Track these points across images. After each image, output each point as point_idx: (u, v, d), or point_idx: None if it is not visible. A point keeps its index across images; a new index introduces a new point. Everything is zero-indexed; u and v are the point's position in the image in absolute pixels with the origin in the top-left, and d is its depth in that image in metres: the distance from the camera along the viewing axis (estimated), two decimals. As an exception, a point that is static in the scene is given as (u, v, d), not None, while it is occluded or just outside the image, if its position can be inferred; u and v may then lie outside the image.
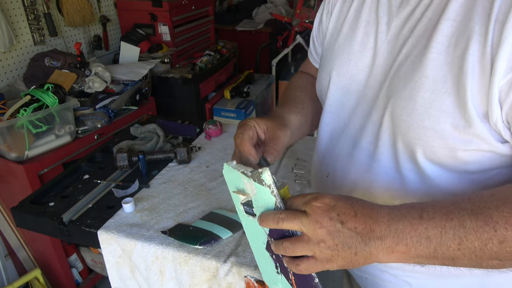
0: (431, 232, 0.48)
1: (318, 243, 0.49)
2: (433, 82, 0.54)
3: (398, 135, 0.60)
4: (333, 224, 0.48)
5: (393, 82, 0.60)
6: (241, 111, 2.61)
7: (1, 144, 1.47)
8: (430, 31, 0.55)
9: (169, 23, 2.38)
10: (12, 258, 1.86)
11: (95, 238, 1.01)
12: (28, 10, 1.91)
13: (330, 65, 0.73)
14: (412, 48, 0.58)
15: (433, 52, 0.54)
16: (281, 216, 0.51)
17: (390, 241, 0.48)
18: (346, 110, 0.71)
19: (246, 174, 0.54)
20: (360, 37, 0.67)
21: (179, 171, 1.27)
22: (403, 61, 0.59)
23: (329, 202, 0.49)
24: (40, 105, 1.53)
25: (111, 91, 1.98)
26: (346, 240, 0.48)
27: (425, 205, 0.50)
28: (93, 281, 1.96)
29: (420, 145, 0.57)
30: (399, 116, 0.58)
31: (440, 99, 0.53)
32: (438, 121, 0.54)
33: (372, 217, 0.49)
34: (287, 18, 3.10)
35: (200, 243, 0.93)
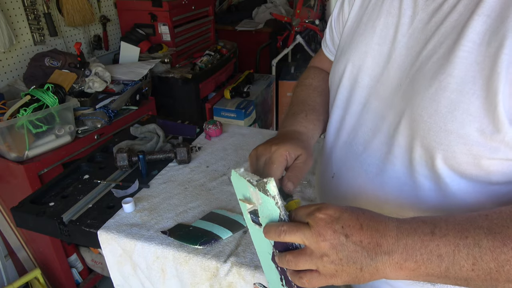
0: (443, 250, 0.44)
1: (321, 257, 0.46)
2: (461, 82, 0.49)
3: (417, 138, 0.55)
4: (337, 237, 0.45)
5: (415, 81, 0.56)
6: (241, 111, 2.61)
7: (1, 144, 1.47)
8: (461, 28, 0.51)
9: (169, 23, 2.38)
10: (12, 258, 1.86)
11: (95, 238, 1.01)
12: (28, 10, 1.91)
13: (346, 57, 0.69)
14: (438, 45, 0.54)
15: (462, 50, 0.50)
16: (283, 229, 0.49)
17: (399, 257, 0.45)
18: (355, 106, 0.67)
19: (252, 183, 0.52)
20: (380, 28, 0.63)
21: (179, 171, 1.27)
22: (428, 59, 0.54)
23: (333, 214, 0.47)
24: (40, 105, 1.53)
25: (111, 91, 1.98)
26: (351, 254, 0.45)
27: (438, 220, 0.47)
28: (93, 281, 1.96)
29: (441, 150, 0.53)
30: (419, 117, 0.54)
31: (467, 101, 0.49)
32: (463, 125, 0.50)
33: (379, 231, 0.46)
34: (287, 18, 3.10)
35: (200, 243, 0.93)
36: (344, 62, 0.69)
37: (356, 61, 0.66)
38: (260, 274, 0.87)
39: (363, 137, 0.66)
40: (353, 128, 0.68)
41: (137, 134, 1.49)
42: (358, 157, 0.67)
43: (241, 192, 0.57)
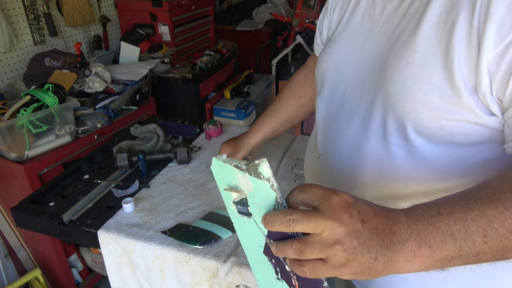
0: (454, 228, 0.44)
1: (333, 244, 0.42)
2: (423, 57, 0.57)
3: (389, 110, 0.62)
4: (353, 223, 0.42)
5: (386, 61, 0.63)
6: (241, 111, 2.61)
7: (1, 144, 1.47)
8: (421, 11, 0.59)
9: (169, 23, 2.38)
10: (12, 258, 1.86)
11: (95, 238, 1.01)
12: (28, 10, 1.91)
13: (329, 51, 0.77)
14: (404, 28, 0.61)
15: (423, 30, 0.58)
16: (292, 218, 0.43)
17: (412, 244, 0.43)
18: (338, 93, 0.74)
19: (240, 167, 0.47)
20: (358, 23, 0.72)
21: (179, 171, 1.27)
22: (396, 41, 0.62)
23: (348, 198, 0.44)
24: (40, 105, 1.53)
25: (111, 91, 1.98)
26: (366, 242, 0.42)
27: (439, 201, 0.47)
28: (93, 281, 1.96)
29: (410, 118, 0.59)
30: (390, 91, 0.61)
31: (429, 73, 0.56)
32: (427, 94, 0.57)
33: (390, 218, 0.44)
34: (287, 18, 3.10)
35: (200, 243, 0.93)
36: (327, 55, 0.78)
37: (339, 54, 0.75)
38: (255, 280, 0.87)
39: (345, 117, 0.72)
40: (335, 111, 0.75)
41: (137, 134, 1.49)
42: (340, 136, 0.73)
43: (224, 182, 0.52)
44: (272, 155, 1.35)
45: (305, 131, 3.20)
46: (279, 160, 1.34)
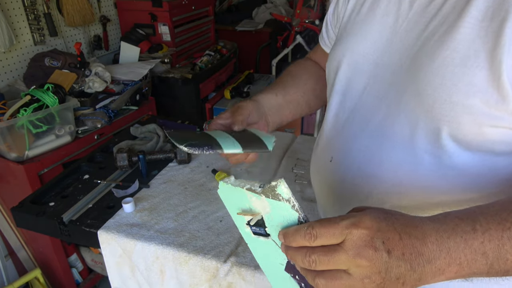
0: (487, 247, 0.42)
1: (362, 280, 0.41)
2: (464, 56, 0.52)
3: (421, 113, 0.56)
4: (379, 256, 0.41)
5: (417, 59, 0.58)
6: (241, 111, 2.60)
7: (1, 144, 1.47)
8: (461, 7, 0.54)
9: (169, 23, 2.38)
10: (12, 258, 1.86)
11: (95, 238, 1.01)
12: (28, 10, 1.91)
13: (344, 44, 0.71)
14: (439, 25, 0.56)
15: (464, 27, 0.52)
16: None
17: (442, 262, 0.42)
18: (355, 91, 0.68)
19: (255, 190, 0.45)
20: (380, 15, 0.65)
21: (179, 171, 1.27)
22: (429, 38, 0.57)
23: (371, 228, 0.42)
24: (40, 105, 1.53)
25: (111, 91, 1.98)
26: (394, 270, 0.41)
27: (474, 215, 0.44)
28: (93, 281, 1.96)
29: (446, 121, 0.54)
30: (423, 91, 0.55)
31: (470, 73, 0.51)
32: (467, 96, 0.51)
33: (418, 238, 0.42)
34: (287, 18, 3.09)
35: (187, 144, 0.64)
36: (342, 49, 0.70)
37: (355, 48, 0.68)
38: (260, 274, 0.87)
39: (361, 119, 0.67)
40: (351, 111, 0.69)
41: (137, 134, 1.50)
42: (356, 138, 0.67)
43: (235, 205, 0.50)
44: (272, 155, 1.35)
45: (305, 131, 3.20)
46: (279, 160, 1.34)
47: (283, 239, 0.45)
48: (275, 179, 0.44)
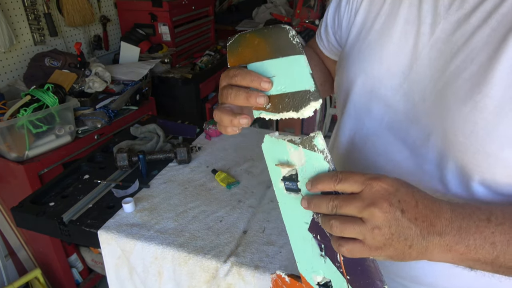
0: (497, 238, 0.44)
1: (372, 229, 0.43)
2: (499, 104, 0.47)
3: (450, 157, 0.53)
4: (392, 211, 0.43)
5: (444, 98, 0.53)
6: (241, 111, 2.60)
7: (1, 144, 1.47)
8: (495, 45, 0.48)
9: (169, 23, 2.38)
10: (12, 258, 1.86)
11: (95, 238, 1.01)
12: (28, 10, 1.91)
13: (357, 66, 0.65)
14: (468, 61, 0.51)
15: (500, 70, 0.47)
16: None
17: (451, 239, 0.44)
18: (373, 118, 0.64)
19: (295, 141, 0.49)
20: (397, 36, 0.59)
21: (179, 171, 1.27)
22: (457, 75, 0.51)
23: (390, 186, 0.44)
24: (40, 105, 1.53)
25: (111, 91, 1.98)
26: (404, 230, 0.43)
27: (494, 208, 0.46)
28: (93, 281, 1.96)
29: (479, 172, 0.51)
30: (454, 137, 0.51)
31: (506, 123, 0.47)
32: (502, 147, 0.48)
33: (433, 210, 0.45)
34: (287, 18, 3.09)
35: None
36: (355, 71, 0.65)
37: (370, 70, 0.63)
38: (260, 274, 0.87)
39: (384, 150, 0.63)
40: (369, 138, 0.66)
41: (137, 134, 1.50)
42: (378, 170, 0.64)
43: (275, 158, 0.53)
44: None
45: (305, 131, 3.20)
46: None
47: (310, 184, 0.48)
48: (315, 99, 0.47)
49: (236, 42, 0.53)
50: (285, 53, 0.49)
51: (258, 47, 0.51)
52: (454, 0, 0.53)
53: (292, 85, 0.49)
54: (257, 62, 0.51)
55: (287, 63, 0.49)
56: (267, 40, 0.50)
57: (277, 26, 0.49)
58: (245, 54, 0.52)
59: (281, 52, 0.49)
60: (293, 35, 0.48)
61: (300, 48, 0.48)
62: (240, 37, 0.53)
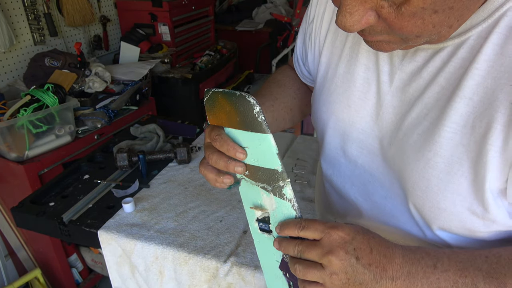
0: (442, 284, 0.48)
1: (330, 274, 0.48)
2: (448, 162, 0.50)
3: (411, 205, 0.57)
4: (348, 258, 0.48)
5: (402, 151, 0.55)
6: (241, 111, 2.60)
7: (1, 144, 1.47)
8: (443, 104, 0.50)
9: (169, 23, 2.38)
10: (12, 258, 1.86)
11: (95, 238, 1.01)
12: (28, 10, 1.91)
13: (328, 107, 0.66)
14: (422, 116, 0.52)
15: (447, 131, 0.49)
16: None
17: (401, 283, 0.48)
18: (349, 159, 0.66)
19: (267, 189, 0.54)
20: (360, 83, 0.60)
21: (179, 171, 1.27)
22: (413, 129, 0.53)
23: (347, 235, 0.49)
24: (40, 105, 1.53)
25: (111, 91, 1.98)
26: (359, 276, 0.48)
27: (441, 255, 0.50)
28: (93, 281, 1.96)
29: (437, 224, 0.55)
30: (413, 190, 0.55)
31: (456, 181, 0.50)
32: (454, 204, 0.51)
33: (386, 256, 0.49)
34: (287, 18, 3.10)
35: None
36: (326, 113, 0.67)
37: (340, 115, 0.64)
38: (260, 274, 0.87)
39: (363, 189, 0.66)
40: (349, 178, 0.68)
41: (137, 134, 1.50)
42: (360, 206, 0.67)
43: (250, 201, 0.58)
44: (272, 155, 1.35)
45: (305, 131, 3.20)
46: (279, 160, 1.34)
47: (279, 228, 0.54)
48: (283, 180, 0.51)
49: (211, 101, 0.54)
50: (253, 128, 0.50)
51: (230, 114, 0.52)
52: (407, 52, 0.54)
53: (263, 161, 0.52)
54: (232, 129, 0.53)
55: (256, 139, 0.51)
56: (236, 109, 0.51)
57: (242, 96, 0.49)
58: (220, 117, 0.54)
59: (250, 126, 0.50)
60: (257, 111, 0.48)
61: (265, 127, 0.49)
62: (214, 95, 0.53)
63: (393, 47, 0.47)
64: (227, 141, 0.54)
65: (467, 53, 0.48)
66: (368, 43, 0.48)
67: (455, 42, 0.48)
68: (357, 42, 0.61)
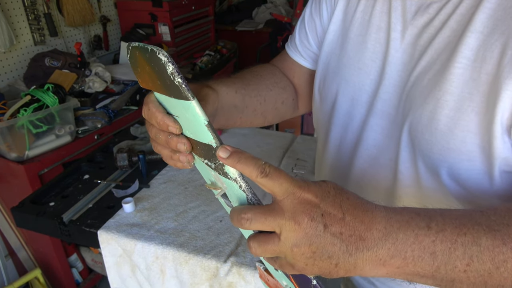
0: (438, 247, 0.39)
1: (291, 247, 0.39)
2: (458, 99, 0.49)
3: (418, 156, 0.55)
4: (313, 226, 0.38)
5: (412, 97, 0.55)
6: (241, 111, 2.60)
7: (1, 144, 1.47)
8: (454, 44, 0.50)
9: (169, 23, 2.38)
10: (12, 258, 1.86)
11: (95, 238, 1.01)
12: (28, 10, 1.91)
13: (338, 75, 0.66)
14: (432, 61, 0.53)
15: (457, 67, 0.49)
16: (246, 216, 0.39)
17: (384, 253, 0.39)
18: (356, 124, 0.65)
19: (210, 166, 0.44)
20: (371, 44, 0.61)
21: (179, 171, 1.27)
22: (423, 75, 0.54)
23: (315, 197, 0.39)
24: (40, 105, 1.53)
25: (111, 91, 1.98)
26: (327, 247, 0.38)
27: (433, 213, 0.42)
28: (93, 281, 1.96)
29: (445, 167, 0.52)
30: (421, 135, 0.53)
31: (466, 118, 0.48)
32: (465, 143, 0.49)
33: (364, 222, 0.39)
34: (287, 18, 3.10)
35: None
36: (337, 80, 0.66)
37: (350, 78, 0.64)
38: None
39: (369, 154, 0.64)
40: (356, 145, 0.66)
41: (137, 134, 1.50)
42: (365, 174, 0.65)
43: (206, 178, 0.50)
44: (272, 155, 1.35)
45: (305, 131, 3.20)
46: (279, 160, 1.34)
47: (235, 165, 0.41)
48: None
49: (132, 58, 0.44)
50: (175, 94, 0.40)
51: (151, 76, 0.42)
52: (420, 6, 0.55)
53: (196, 134, 0.42)
54: (159, 94, 0.44)
55: (182, 107, 0.40)
56: (153, 70, 0.40)
57: (153, 51, 0.38)
58: (145, 79, 0.44)
59: (172, 92, 0.40)
60: (171, 72, 0.37)
61: (186, 92, 0.38)
62: (133, 51, 0.42)
63: None
64: (155, 111, 0.45)
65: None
66: None
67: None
68: (369, 4, 0.62)
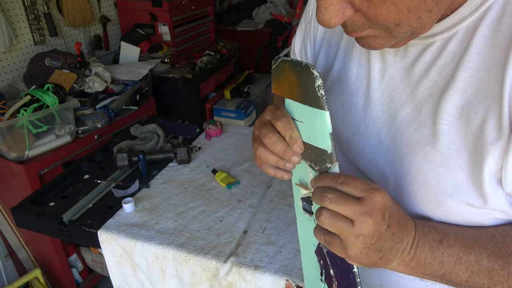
0: (445, 259, 0.49)
1: (358, 235, 0.45)
2: (445, 155, 0.49)
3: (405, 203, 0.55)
4: (382, 225, 0.46)
5: (396, 145, 0.55)
6: (241, 111, 2.61)
7: (1, 144, 1.47)
8: (437, 98, 0.50)
9: (169, 23, 2.38)
10: (12, 258, 1.86)
11: (95, 238, 1.01)
12: (28, 10, 1.91)
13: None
14: (417, 111, 0.52)
15: (443, 124, 0.49)
16: (329, 196, 0.46)
17: (407, 256, 0.49)
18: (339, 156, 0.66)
19: (314, 168, 0.51)
20: (353, 80, 0.61)
21: (179, 171, 1.27)
22: (408, 123, 0.53)
23: (388, 200, 0.46)
24: (40, 105, 1.53)
25: (111, 91, 1.98)
26: (382, 243, 0.47)
27: (448, 230, 0.51)
28: (93, 281, 1.96)
29: (435, 216, 0.53)
30: (409, 186, 0.54)
31: (453, 174, 0.49)
32: (452, 197, 0.50)
33: (406, 228, 0.49)
34: (287, 18, 3.10)
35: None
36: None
37: (333, 113, 0.64)
38: (260, 274, 0.87)
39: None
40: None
41: (137, 134, 1.50)
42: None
43: (297, 177, 0.56)
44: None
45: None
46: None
47: (314, 181, 0.50)
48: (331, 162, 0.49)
49: (278, 69, 0.53)
50: (312, 103, 0.49)
51: (292, 86, 0.51)
52: (399, 49, 0.54)
53: (314, 139, 0.50)
54: (292, 101, 0.52)
55: (313, 114, 0.49)
56: (299, 81, 0.49)
57: (307, 66, 0.47)
58: (284, 87, 0.53)
59: (309, 101, 0.49)
60: (319, 85, 0.47)
61: (324, 103, 0.47)
62: (282, 63, 0.52)
63: (381, 44, 0.47)
64: (292, 125, 0.52)
65: (457, 46, 0.48)
66: (358, 41, 0.49)
67: (444, 36, 0.49)
68: (351, 40, 0.61)
